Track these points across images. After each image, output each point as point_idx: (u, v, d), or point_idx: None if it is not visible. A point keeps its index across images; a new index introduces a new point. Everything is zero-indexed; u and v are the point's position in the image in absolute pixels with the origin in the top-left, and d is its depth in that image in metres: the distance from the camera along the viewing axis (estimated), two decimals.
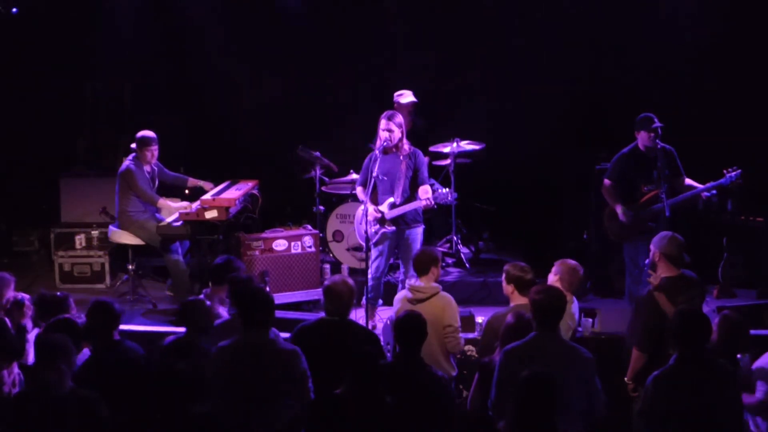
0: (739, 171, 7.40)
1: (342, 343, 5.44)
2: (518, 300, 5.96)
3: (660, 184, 7.36)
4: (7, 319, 6.06)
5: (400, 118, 7.65)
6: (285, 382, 5.17)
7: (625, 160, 7.69)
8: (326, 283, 5.80)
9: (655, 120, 7.52)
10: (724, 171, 7.43)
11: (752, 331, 5.87)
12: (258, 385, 5.14)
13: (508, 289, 6.09)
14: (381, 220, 7.54)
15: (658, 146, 7.52)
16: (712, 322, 5.37)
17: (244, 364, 5.17)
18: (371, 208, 7.50)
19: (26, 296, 6.33)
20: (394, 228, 7.59)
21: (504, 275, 6.13)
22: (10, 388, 5.64)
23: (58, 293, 6.03)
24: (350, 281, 5.81)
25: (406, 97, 9.02)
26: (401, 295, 6.46)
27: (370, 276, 7.42)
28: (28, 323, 6.17)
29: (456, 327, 6.20)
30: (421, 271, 6.31)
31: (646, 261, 6.31)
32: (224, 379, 5.19)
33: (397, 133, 7.57)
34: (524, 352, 5.18)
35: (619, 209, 7.63)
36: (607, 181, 7.79)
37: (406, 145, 7.66)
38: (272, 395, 5.16)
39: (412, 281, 6.37)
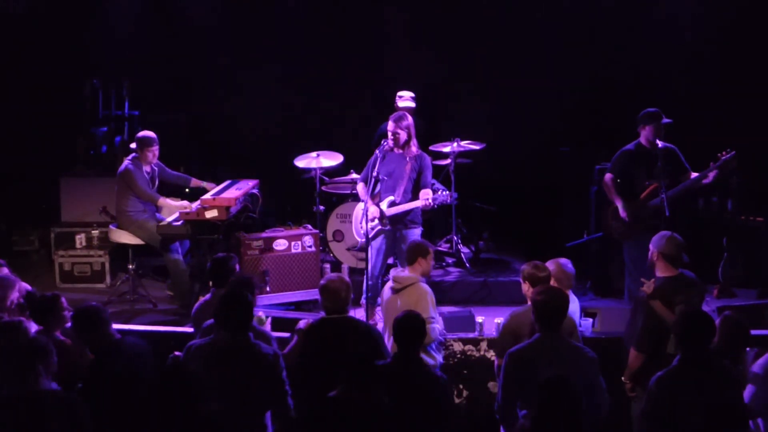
0: (733, 153, 7.39)
1: (344, 341, 5.44)
2: None
3: (660, 181, 7.37)
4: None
5: (407, 120, 7.66)
6: (262, 386, 5.14)
7: (628, 155, 7.69)
8: (322, 282, 5.81)
9: (663, 115, 7.54)
10: (719, 155, 7.44)
11: (752, 332, 5.84)
12: (233, 387, 5.09)
13: (524, 287, 6.08)
14: (381, 219, 7.54)
15: (660, 145, 7.53)
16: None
17: (219, 365, 5.12)
18: (373, 208, 7.51)
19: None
20: (389, 227, 7.60)
21: (521, 274, 6.14)
22: None
23: (48, 293, 5.99)
24: (346, 278, 5.84)
25: (404, 101, 9.01)
26: (387, 285, 6.51)
27: (367, 274, 7.41)
28: (32, 325, 6.15)
29: (426, 317, 6.04)
30: (409, 260, 6.38)
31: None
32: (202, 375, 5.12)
33: (403, 135, 7.60)
34: (528, 354, 5.19)
35: (619, 204, 7.64)
36: (608, 176, 7.78)
37: (413, 147, 7.68)
38: (249, 399, 5.11)
39: (398, 270, 6.42)
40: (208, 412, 4.61)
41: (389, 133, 7.61)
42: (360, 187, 7.82)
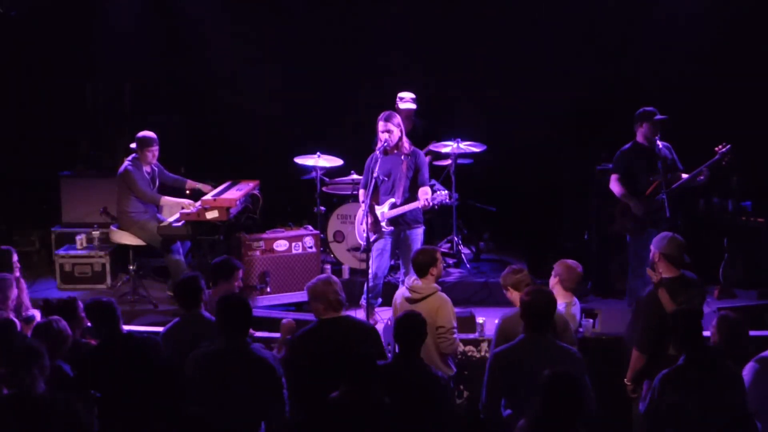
0: (729, 146, 7.47)
1: (342, 342, 5.43)
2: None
3: (665, 175, 7.41)
4: (17, 321, 6.08)
5: (398, 118, 7.68)
6: (260, 391, 5.12)
7: (627, 154, 7.77)
8: (308, 284, 5.73)
9: (657, 112, 7.58)
10: (716, 149, 7.49)
11: (753, 333, 5.84)
12: (234, 391, 5.09)
13: (508, 294, 6.09)
14: (375, 227, 7.50)
15: (657, 143, 7.57)
16: (713, 324, 5.37)
17: (221, 370, 5.12)
18: (370, 218, 7.47)
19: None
20: (392, 228, 7.59)
21: (502, 283, 6.13)
22: None
23: (66, 297, 5.99)
24: (322, 277, 5.77)
25: (405, 102, 9.00)
26: (400, 292, 6.43)
27: (369, 276, 7.41)
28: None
29: (449, 328, 6.10)
30: (421, 272, 6.24)
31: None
32: (200, 384, 5.14)
33: (396, 133, 7.59)
34: (514, 355, 5.19)
35: (632, 202, 7.66)
36: (614, 177, 7.81)
37: (406, 144, 7.68)
38: (249, 403, 5.11)
39: (412, 280, 6.34)
40: (192, 414, 4.59)
41: (382, 133, 7.59)
42: (361, 193, 7.81)
